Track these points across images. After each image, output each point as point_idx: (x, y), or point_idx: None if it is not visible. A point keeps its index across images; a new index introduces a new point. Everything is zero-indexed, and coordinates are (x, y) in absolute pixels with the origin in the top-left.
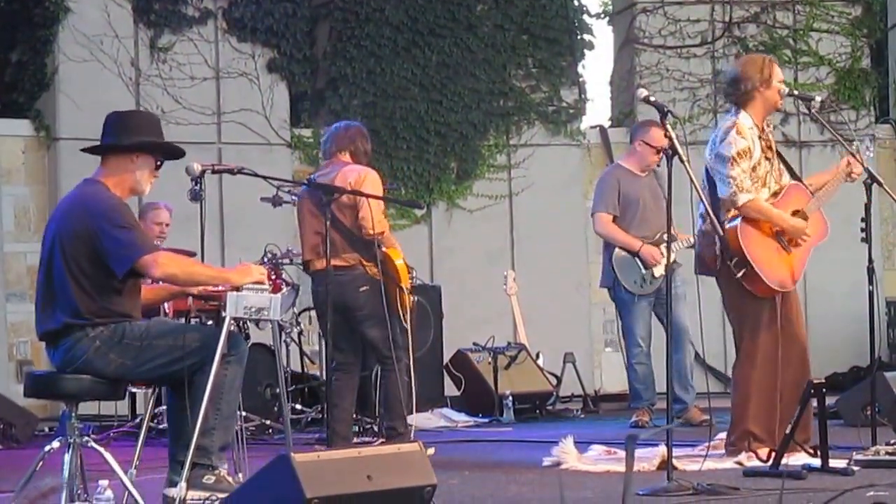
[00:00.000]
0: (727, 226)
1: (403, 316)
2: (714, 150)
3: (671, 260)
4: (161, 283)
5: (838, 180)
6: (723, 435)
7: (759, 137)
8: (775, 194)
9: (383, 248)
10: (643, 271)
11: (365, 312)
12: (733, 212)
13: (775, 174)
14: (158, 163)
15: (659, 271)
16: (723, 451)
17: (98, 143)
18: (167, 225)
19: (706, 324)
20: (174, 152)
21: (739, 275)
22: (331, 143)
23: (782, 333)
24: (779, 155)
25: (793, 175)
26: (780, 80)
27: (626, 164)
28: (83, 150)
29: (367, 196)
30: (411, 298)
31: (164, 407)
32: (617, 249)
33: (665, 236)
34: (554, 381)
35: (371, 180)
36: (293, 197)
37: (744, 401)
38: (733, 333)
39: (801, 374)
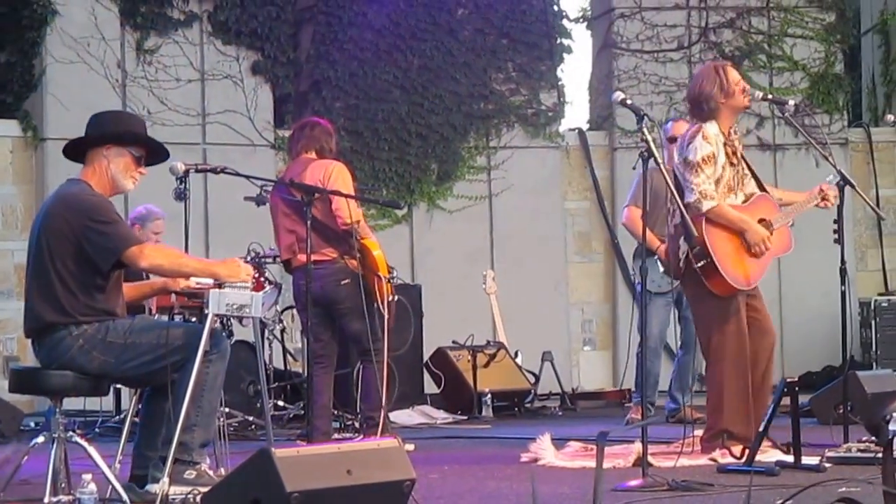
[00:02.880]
0: (694, 227)
1: (382, 305)
2: (682, 154)
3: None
4: (148, 275)
5: (810, 202)
6: (698, 432)
7: (725, 143)
8: (745, 200)
9: (360, 239)
10: (661, 270)
11: (347, 305)
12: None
13: (740, 180)
14: (137, 157)
15: None
16: (698, 447)
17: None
18: (161, 233)
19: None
20: (145, 141)
21: (699, 265)
22: (296, 142)
23: (752, 326)
24: (744, 161)
25: (758, 184)
26: (738, 83)
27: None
28: (63, 152)
29: (345, 196)
30: (391, 290)
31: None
32: (639, 245)
33: None
34: (532, 380)
35: (339, 172)
36: None
37: (717, 400)
38: (698, 335)
39: (769, 367)
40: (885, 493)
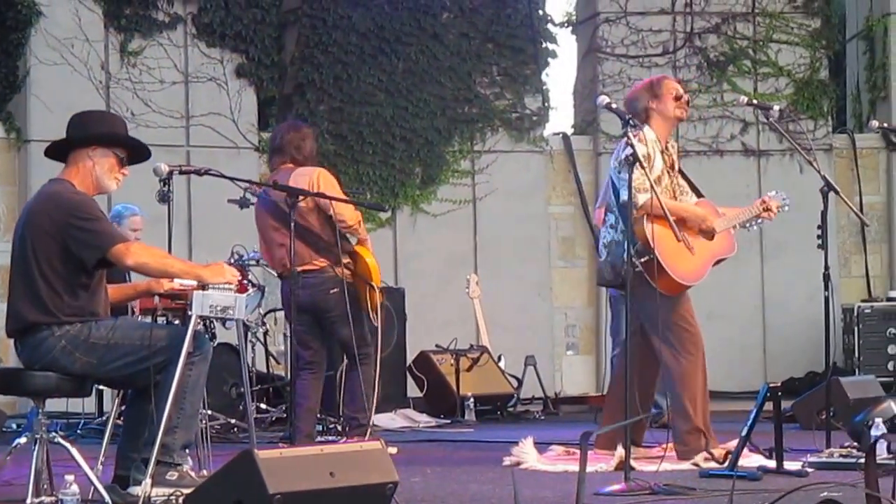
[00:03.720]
0: (635, 226)
1: (373, 313)
2: (616, 158)
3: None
4: (132, 278)
5: (752, 212)
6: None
7: (662, 152)
8: None
9: (354, 245)
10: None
11: (336, 314)
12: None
13: (676, 190)
14: (121, 157)
15: None
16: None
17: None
18: (140, 230)
19: None
20: (127, 142)
21: (642, 260)
22: (271, 155)
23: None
24: (682, 174)
25: (697, 194)
26: (671, 90)
27: None
28: (46, 152)
29: (331, 199)
30: (383, 297)
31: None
32: None
33: None
34: (515, 384)
35: (324, 178)
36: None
37: (690, 400)
38: (655, 336)
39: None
40: (868, 496)
